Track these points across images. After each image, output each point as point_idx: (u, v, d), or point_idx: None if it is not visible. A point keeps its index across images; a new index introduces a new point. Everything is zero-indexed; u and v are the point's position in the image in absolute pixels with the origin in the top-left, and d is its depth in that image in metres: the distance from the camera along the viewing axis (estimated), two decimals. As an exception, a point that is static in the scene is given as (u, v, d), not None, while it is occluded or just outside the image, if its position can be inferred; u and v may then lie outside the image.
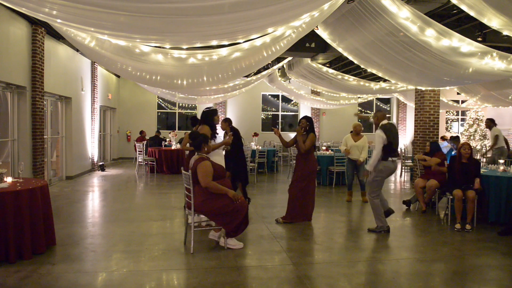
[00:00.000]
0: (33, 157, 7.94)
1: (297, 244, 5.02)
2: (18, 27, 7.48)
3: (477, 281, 3.98)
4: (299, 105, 18.20)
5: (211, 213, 4.54)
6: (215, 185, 4.49)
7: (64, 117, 10.28)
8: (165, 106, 17.39)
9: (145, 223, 5.95)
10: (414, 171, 10.13)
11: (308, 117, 6.12)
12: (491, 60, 6.22)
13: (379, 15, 5.75)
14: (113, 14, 4.18)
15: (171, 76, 7.75)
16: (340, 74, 11.45)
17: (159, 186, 9.78)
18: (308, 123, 6.01)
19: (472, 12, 5.21)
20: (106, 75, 14.07)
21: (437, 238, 5.45)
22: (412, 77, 8.19)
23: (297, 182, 6.02)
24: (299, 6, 4.66)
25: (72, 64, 10.48)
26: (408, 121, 18.55)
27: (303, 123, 6.00)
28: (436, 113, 9.95)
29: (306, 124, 5.99)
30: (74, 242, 4.92)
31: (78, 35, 5.98)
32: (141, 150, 11.94)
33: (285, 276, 3.97)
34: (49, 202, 4.60)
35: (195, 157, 4.66)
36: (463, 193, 5.80)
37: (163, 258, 4.42)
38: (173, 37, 5.58)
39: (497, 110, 17.70)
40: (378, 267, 4.34)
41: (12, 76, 7.29)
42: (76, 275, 3.89)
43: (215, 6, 4.14)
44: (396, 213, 6.80)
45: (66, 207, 7.03)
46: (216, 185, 4.49)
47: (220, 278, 3.86)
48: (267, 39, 6.35)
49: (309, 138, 5.94)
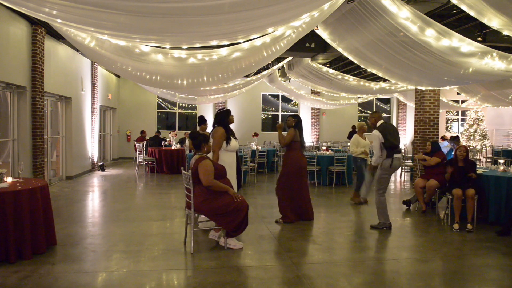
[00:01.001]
0: (33, 157, 7.94)
1: (297, 244, 5.02)
2: (18, 27, 7.48)
3: (477, 281, 3.98)
4: (299, 105, 18.20)
5: (211, 213, 4.54)
6: (217, 183, 4.50)
7: (64, 117, 10.28)
8: (165, 106, 17.39)
9: (145, 223, 5.95)
10: (414, 171, 10.13)
11: (295, 115, 6.21)
12: (491, 60, 6.23)
13: (379, 15, 5.76)
14: (113, 14, 4.18)
15: (171, 76, 7.75)
16: (340, 74, 11.45)
17: (159, 186, 9.78)
18: (294, 119, 6.09)
19: (472, 12, 5.22)
20: (106, 75, 14.08)
21: (437, 238, 5.45)
22: (412, 77, 8.19)
23: (279, 181, 6.09)
24: (299, 6, 4.66)
25: (72, 64, 10.48)
26: (408, 121, 18.56)
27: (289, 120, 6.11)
28: (436, 113, 9.96)
29: (292, 120, 6.08)
30: (74, 242, 4.92)
31: (78, 35, 5.98)
32: (141, 150, 11.94)
33: (285, 276, 3.97)
34: (49, 202, 4.60)
35: (195, 157, 4.66)
36: (463, 192, 5.80)
37: (163, 258, 4.42)
38: (173, 37, 5.58)
39: (497, 110, 17.72)
40: (378, 267, 4.34)
41: (12, 76, 7.29)
42: (76, 275, 3.89)
43: (215, 6, 4.14)
44: (396, 213, 6.81)
45: (66, 207, 7.03)
46: (218, 183, 4.51)
47: (220, 278, 3.86)
48: (267, 39, 6.35)
49: (288, 132, 6.00)
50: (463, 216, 5.91)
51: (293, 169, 6.00)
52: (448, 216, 6.23)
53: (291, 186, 6.00)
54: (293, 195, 6.00)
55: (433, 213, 6.84)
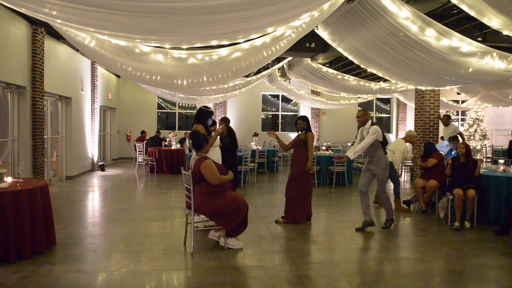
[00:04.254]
0: (33, 157, 7.94)
1: (297, 244, 5.02)
2: (18, 27, 7.48)
3: (477, 281, 3.97)
4: (299, 105, 18.20)
5: (211, 213, 4.53)
6: (224, 177, 4.56)
7: (64, 117, 10.28)
8: (165, 106, 17.39)
9: (145, 223, 5.95)
10: (414, 171, 10.13)
11: (304, 118, 6.15)
12: (491, 60, 6.23)
13: (379, 15, 5.75)
14: (113, 14, 4.18)
15: (171, 76, 7.75)
16: (340, 74, 11.45)
17: (159, 186, 9.78)
18: (305, 122, 6.07)
19: (472, 12, 5.21)
20: (106, 75, 14.07)
21: (437, 238, 5.45)
22: (412, 76, 8.19)
23: (294, 181, 6.04)
24: (299, 6, 4.66)
25: (72, 64, 10.48)
26: (408, 121, 18.56)
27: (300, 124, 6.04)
28: (436, 113, 9.96)
29: (304, 124, 6.05)
30: (74, 242, 4.92)
31: (78, 35, 5.98)
32: (141, 150, 11.94)
33: (285, 276, 3.97)
34: (49, 202, 4.60)
35: (195, 158, 4.65)
36: (464, 193, 5.81)
37: (163, 258, 4.42)
38: (173, 37, 5.58)
39: (497, 110, 17.71)
40: (378, 267, 4.34)
41: (12, 76, 7.29)
42: (76, 275, 3.89)
43: (215, 6, 4.14)
44: (396, 213, 6.81)
45: (66, 207, 7.03)
46: (224, 177, 4.57)
47: (220, 278, 3.86)
48: (267, 39, 6.34)
49: (310, 138, 5.96)
50: (463, 215, 5.92)
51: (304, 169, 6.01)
52: (448, 216, 6.23)
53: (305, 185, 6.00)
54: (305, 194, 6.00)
55: (433, 213, 6.84)
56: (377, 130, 5.46)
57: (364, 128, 5.66)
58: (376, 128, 5.49)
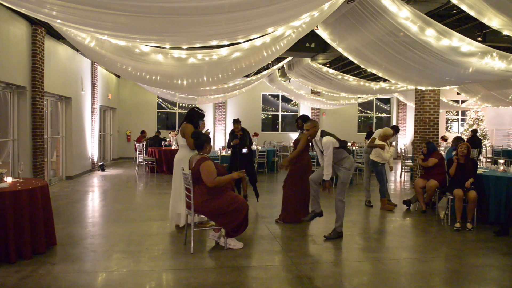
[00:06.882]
0: (33, 157, 7.94)
1: (297, 244, 5.02)
2: (18, 27, 7.48)
3: (477, 281, 3.97)
4: (299, 105, 18.20)
5: (211, 213, 4.54)
6: (220, 179, 4.49)
7: (64, 117, 10.28)
8: (165, 106, 17.39)
9: (145, 223, 5.95)
10: (414, 171, 10.13)
11: (301, 117, 6.13)
12: (491, 60, 6.23)
13: (379, 15, 5.75)
14: (113, 14, 4.17)
15: (171, 76, 7.74)
16: (340, 74, 11.45)
17: (159, 186, 9.78)
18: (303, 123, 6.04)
19: (472, 12, 5.21)
20: (106, 75, 14.07)
21: (437, 238, 5.45)
22: (412, 76, 8.19)
23: (290, 180, 6.06)
24: (299, 6, 4.66)
25: (72, 64, 10.47)
26: (408, 121, 18.56)
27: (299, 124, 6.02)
28: (436, 113, 9.96)
29: (301, 124, 6.06)
30: (74, 242, 4.92)
31: (78, 35, 5.98)
32: (141, 150, 11.94)
33: (285, 276, 3.97)
34: (49, 202, 4.60)
35: (196, 157, 4.65)
36: (464, 194, 5.80)
37: (163, 258, 4.42)
38: (173, 37, 5.58)
39: (497, 110, 17.71)
40: (378, 267, 4.33)
41: (12, 76, 7.29)
42: (76, 275, 3.89)
43: (215, 6, 4.14)
44: (396, 213, 6.82)
45: (66, 207, 7.03)
46: (220, 178, 4.50)
47: (220, 278, 3.86)
48: (267, 39, 6.34)
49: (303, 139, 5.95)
50: (463, 216, 5.91)
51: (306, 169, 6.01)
52: (448, 216, 6.23)
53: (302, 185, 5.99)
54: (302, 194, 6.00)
55: (433, 213, 6.84)
56: (329, 142, 5.05)
57: (315, 140, 5.29)
58: (327, 140, 5.06)
